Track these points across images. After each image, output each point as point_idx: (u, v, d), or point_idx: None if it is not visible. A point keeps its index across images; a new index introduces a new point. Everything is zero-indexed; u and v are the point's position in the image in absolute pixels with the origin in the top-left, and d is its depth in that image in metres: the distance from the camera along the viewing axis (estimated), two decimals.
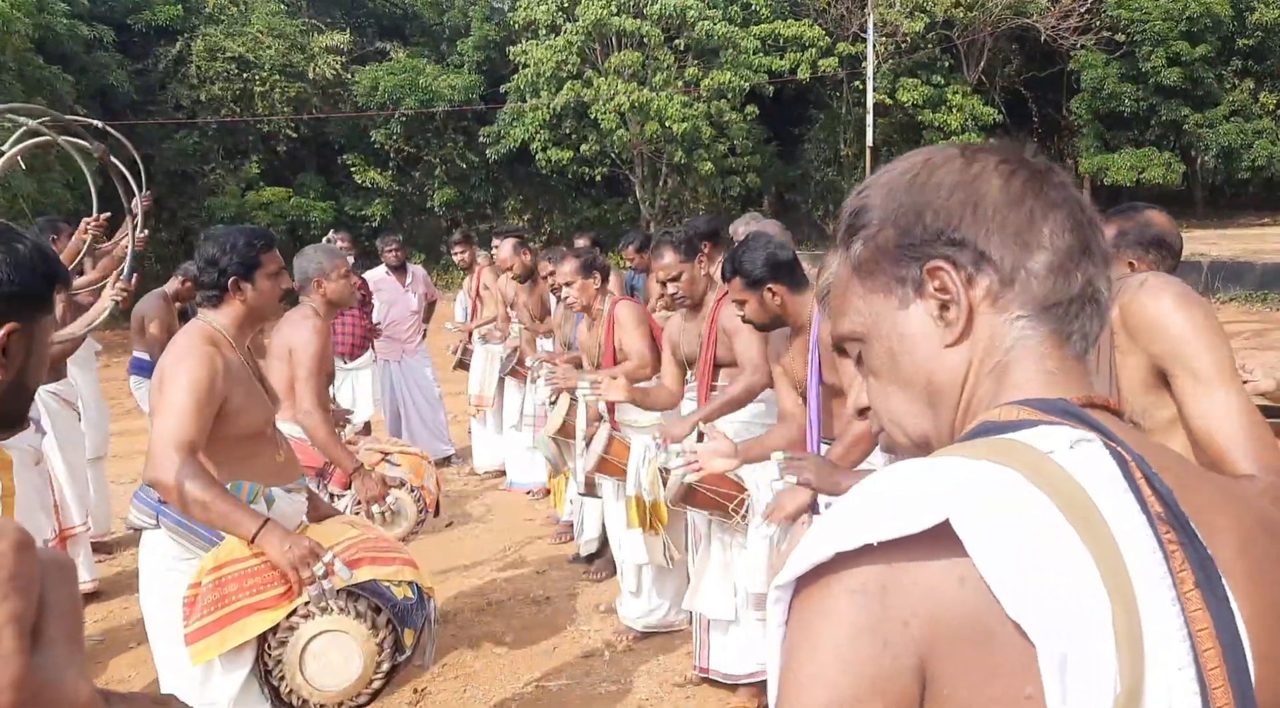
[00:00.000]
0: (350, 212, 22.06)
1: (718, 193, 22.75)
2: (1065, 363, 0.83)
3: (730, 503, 3.58)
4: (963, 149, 0.88)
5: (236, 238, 2.64)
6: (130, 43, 20.72)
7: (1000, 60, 24.12)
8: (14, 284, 1.26)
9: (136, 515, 2.61)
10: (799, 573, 0.73)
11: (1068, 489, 0.72)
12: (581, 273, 4.60)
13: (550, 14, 20.97)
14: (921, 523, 0.69)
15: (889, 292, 0.86)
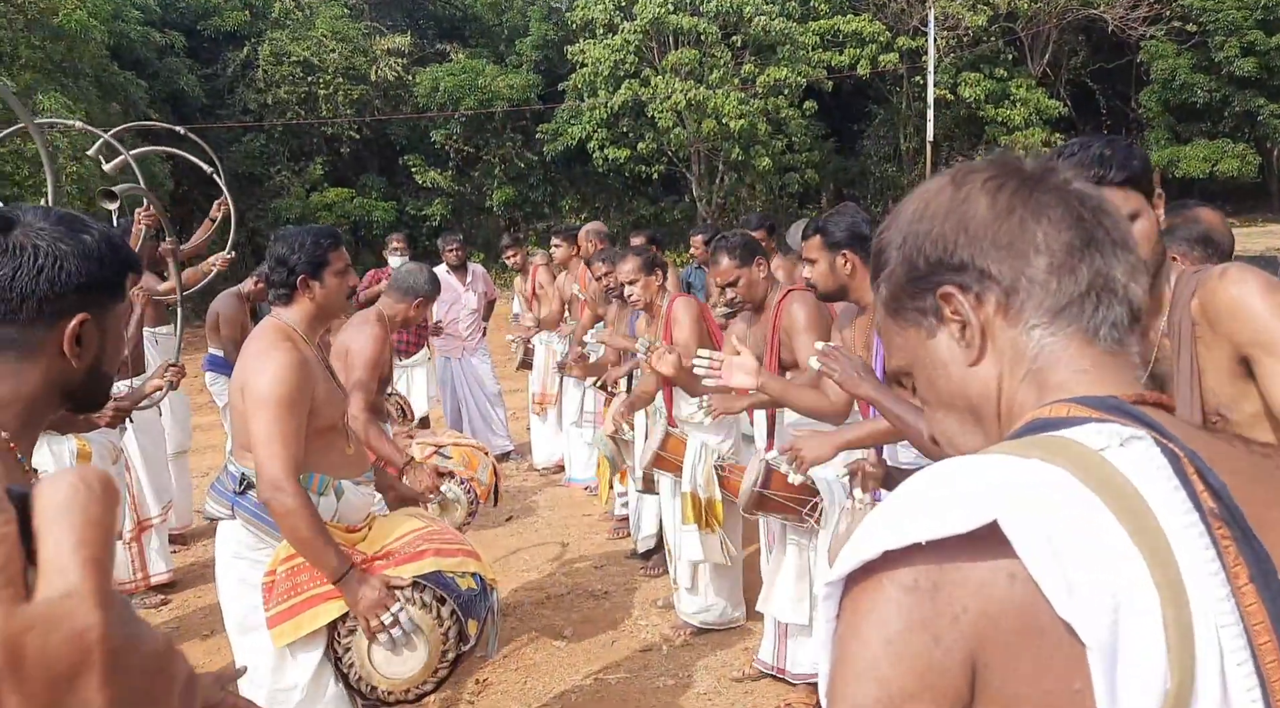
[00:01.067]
0: (411, 212, 22.39)
1: (775, 190, 22.63)
2: (1100, 359, 0.84)
3: (803, 508, 3.57)
4: (954, 174, 0.90)
5: (305, 237, 2.71)
6: (200, 48, 21.27)
7: (1066, 52, 23.61)
8: (83, 275, 1.29)
9: (213, 506, 2.72)
10: (848, 570, 0.75)
11: (1118, 487, 0.73)
12: (644, 271, 4.64)
13: (608, 13, 21.04)
14: (969, 523, 0.70)
15: (917, 325, 0.90)
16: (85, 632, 0.30)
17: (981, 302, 0.85)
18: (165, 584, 5.07)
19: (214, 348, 6.14)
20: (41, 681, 0.30)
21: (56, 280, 1.27)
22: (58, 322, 1.29)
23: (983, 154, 22.97)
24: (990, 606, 0.71)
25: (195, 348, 10.65)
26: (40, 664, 0.30)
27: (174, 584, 5.13)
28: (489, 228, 23.30)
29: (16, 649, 0.29)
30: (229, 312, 6.02)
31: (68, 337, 1.29)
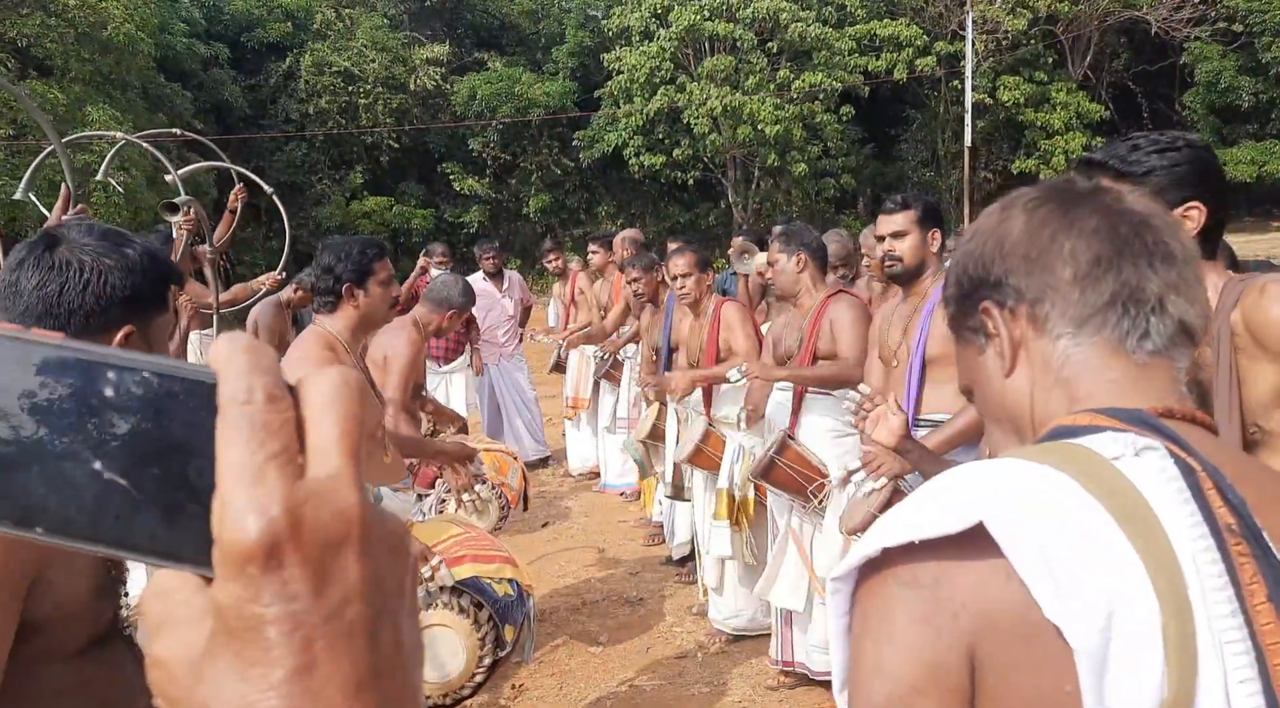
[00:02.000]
0: (449, 219, 22.61)
1: (811, 195, 22.56)
2: (1129, 370, 0.85)
3: (809, 486, 3.60)
4: (1006, 198, 0.94)
5: (351, 247, 2.77)
6: (244, 59, 21.67)
7: (1108, 55, 23.30)
8: (127, 288, 1.33)
9: None
10: (852, 566, 0.79)
11: (1124, 495, 0.74)
12: (698, 267, 4.66)
13: (644, 20, 21.12)
14: (958, 525, 0.73)
15: (970, 343, 0.94)
16: (348, 509, 0.35)
17: (1015, 315, 0.88)
18: None
19: None
20: (315, 546, 0.34)
21: (102, 294, 1.31)
22: (104, 335, 1.32)
23: (1022, 159, 22.74)
24: (988, 604, 0.73)
25: None
26: (314, 532, 0.34)
27: None
28: (525, 234, 23.46)
29: (297, 517, 0.34)
30: (268, 320, 6.12)
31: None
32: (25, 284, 1.30)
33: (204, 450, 0.36)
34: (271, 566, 0.34)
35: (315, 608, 0.34)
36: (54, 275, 1.30)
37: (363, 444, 0.36)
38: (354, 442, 0.36)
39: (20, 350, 0.38)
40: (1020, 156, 22.64)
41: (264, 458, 0.34)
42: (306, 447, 0.36)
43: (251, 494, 0.34)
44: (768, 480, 3.71)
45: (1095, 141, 21.83)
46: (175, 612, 0.36)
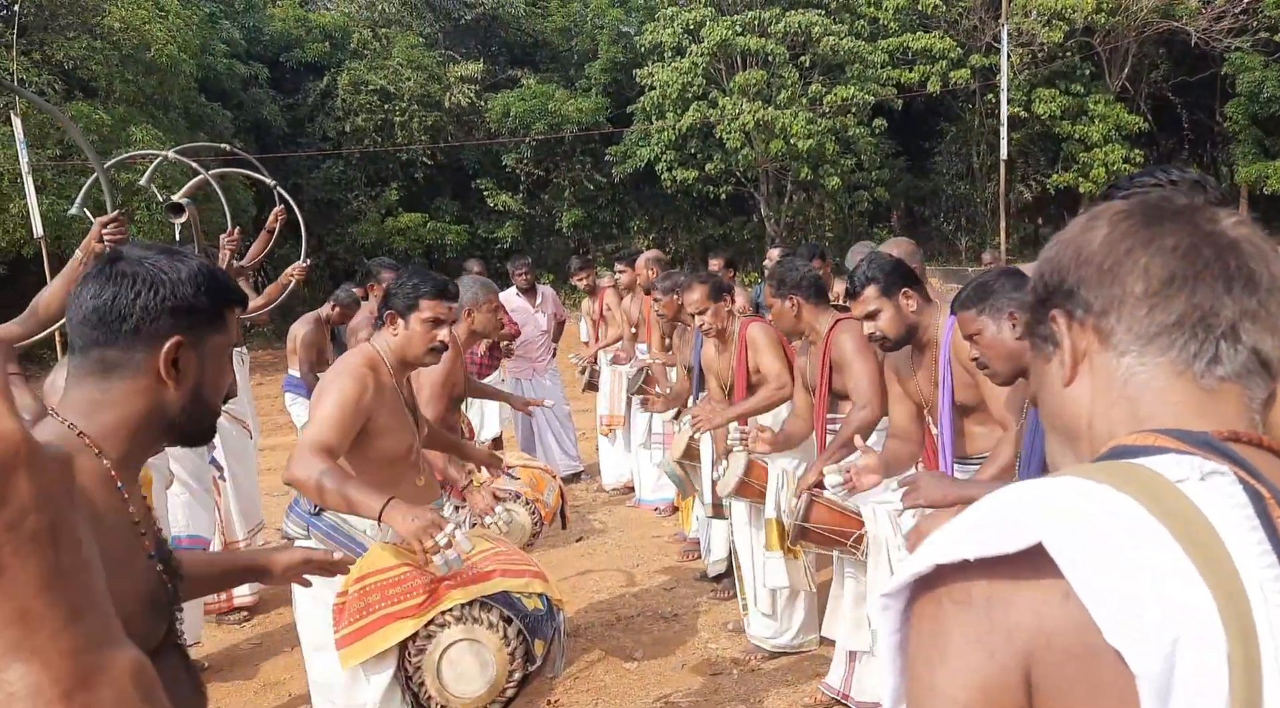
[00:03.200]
0: (483, 234, 22.75)
1: (844, 208, 22.46)
2: (1194, 394, 0.83)
3: (847, 540, 3.54)
4: (1096, 209, 0.92)
5: (412, 278, 2.82)
6: (282, 79, 22.00)
7: (1146, 66, 23.00)
8: (175, 298, 1.36)
9: (290, 526, 2.80)
10: (903, 583, 0.77)
11: (1190, 520, 0.72)
12: (711, 298, 4.61)
13: (676, 36, 21.19)
14: (1016, 544, 0.71)
15: (1040, 350, 0.93)
16: (10, 435, 0.39)
17: (1082, 326, 0.87)
18: (250, 606, 5.17)
19: (293, 369, 6.31)
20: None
21: (150, 302, 1.35)
22: (155, 345, 1.36)
23: (1059, 172, 22.44)
24: (1044, 623, 0.71)
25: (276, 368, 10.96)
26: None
27: (257, 606, 5.22)
28: (558, 249, 23.55)
29: None
30: (307, 335, 6.19)
31: (164, 359, 1.36)
32: (85, 295, 1.36)
33: None
34: None
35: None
36: (110, 286, 1.36)
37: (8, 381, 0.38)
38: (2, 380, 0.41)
39: None
40: (1058, 170, 22.39)
41: None
42: None
43: None
44: (805, 542, 3.66)
45: (1134, 154, 21.56)
46: None
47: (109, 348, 1.35)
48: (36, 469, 0.40)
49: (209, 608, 4.99)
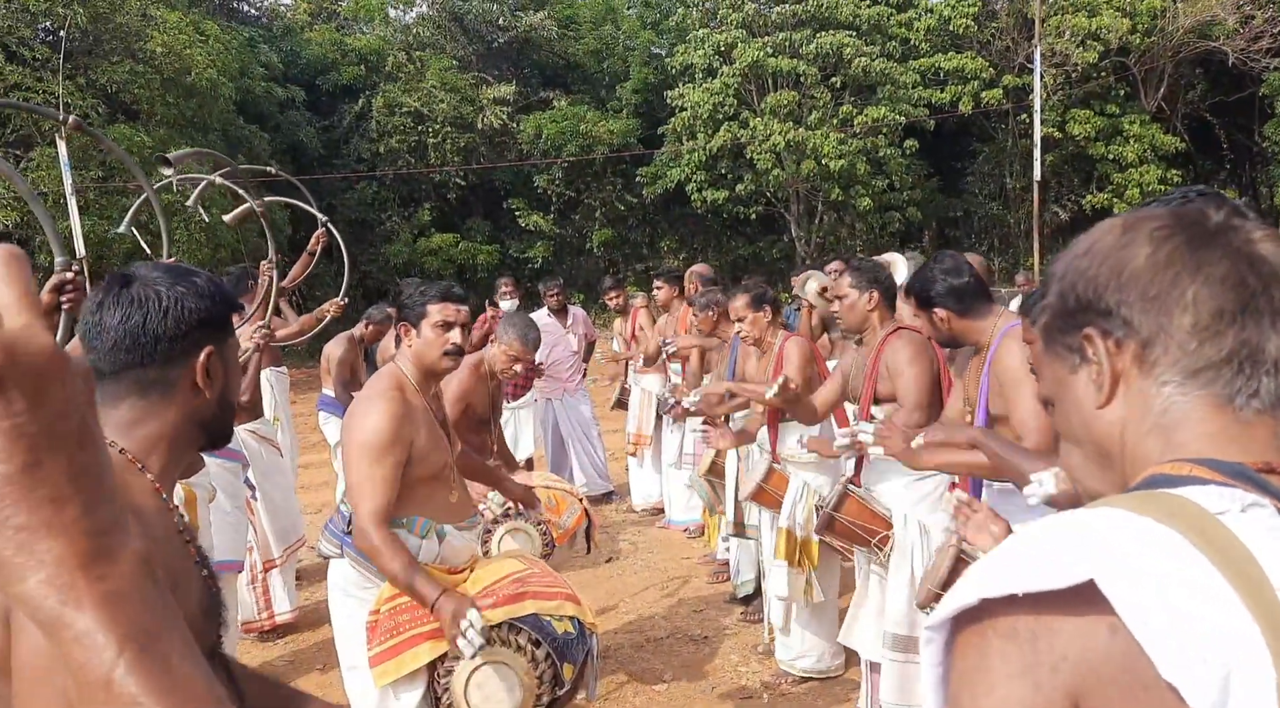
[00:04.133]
0: (514, 254, 22.92)
1: (875, 229, 22.40)
2: (1231, 426, 0.82)
3: (873, 539, 3.53)
4: (1127, 218, 0.90)
5: (415, 287, 2.84)
6: (318, 102, 22.35)
7: (1183, 86, 22.78)
8: (201, 311, 1.43)
9: (325, 545, 2.82)
10: (948, 616, 0.77)
11: (1233, 552, 0.71)
12: (752, 307, 4.63)
13: (707, 58, 21.30)
14: (1067, 580, 0.71)
15: (1062, 358, 0.91)
16: (46, 347, 0.46)
17: (1120, 349, 0.86)
18: (289, 625, 5.20)
19: (326, 388, 6.37)
20: (28, 374, 0.45)
21: (181, 319, 1.41)
22: (188, 358, 1.42)
23: (1094, 193, 22.23)
24: (1090, 655, 0.71)
25: (310, 387, 11.07)
26: (26, 364, 0.45)
27: (296, 625, 5.25)
28: (589, 269, 23.66)
29: (11, 355, 0.45)
30: (340, 354, 6.25)
31: (199, 369, 1.43)
32: (109, 321, 1.38)
33: None
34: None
35: (35, 420, 0.45)
36: (136, 309, 1.39)
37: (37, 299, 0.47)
38: (32, 299, 0.47)
39: None
40: (1092, 190, 22.21)
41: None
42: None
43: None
44: (831, 535, 3.65)
45: (1170, 174, 21.34)
46: None
47: (146, 368, 1.40)
48: (68, 379, 0.47)
49: (249, 627, 5.03)
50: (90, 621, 0.46)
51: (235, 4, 24.05)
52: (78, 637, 0.46)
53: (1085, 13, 20.73)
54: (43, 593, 0.46)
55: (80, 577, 0.46)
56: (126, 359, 1.38)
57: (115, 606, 0.47)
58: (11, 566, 0.45)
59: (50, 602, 0.46)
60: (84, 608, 0.46)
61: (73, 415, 0.46)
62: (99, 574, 0.46)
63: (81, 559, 0.46)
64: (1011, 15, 21.64)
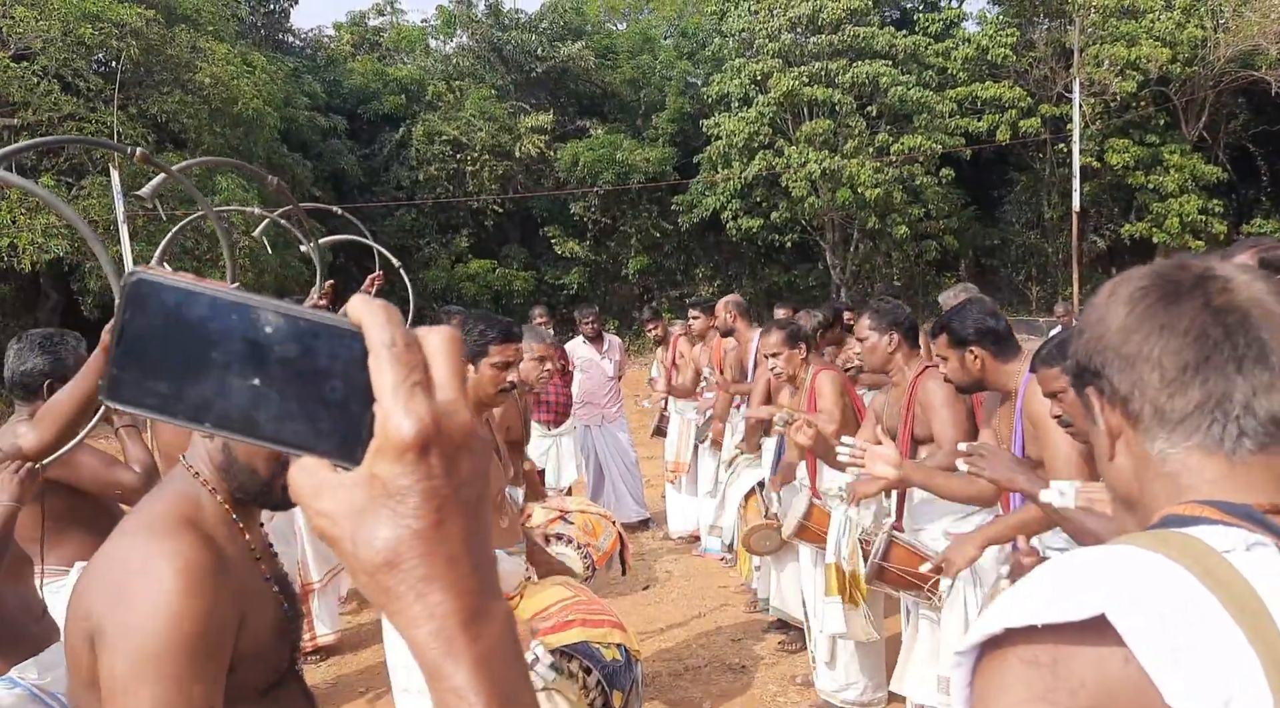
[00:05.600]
0: (550, 281, 23.09)
1: (911, 257, 22.33)
2: (1228, 469, 0.87)
3: (925, 585, 3.52)
4: (1117, 280, 0.96)
5: (480, 323, 2.91)
6: (360, 130, 22.76)
7: (1224, 116, 22.56)
8: None
9: None
10: (975, 642, 0.82)
11: (1238, 590, 0.76)
12: (788, 344, 4.68)
13: (743, 87, 21.44)
14: (1081, 613, 0.76)
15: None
16: (466, 423, 0.52)
17: (1112, 407, 0.92)
18: (329, 647, 5.25)
19: None
20: (449, 444, 0.50)
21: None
22: None
23: (1133, 222, 22.00)
24: (1107, 683, 0.75)
25: None
26: (449, 435, 0.50)
27: (338, 647, 5.31)
28: (624, 295, 23.78)
29: (439, 425, 0.50)
30: None
31: None
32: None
33: (339, 375, 0.51)
34: (422, 455, 0.49)
35: (447, 485, 0.50)
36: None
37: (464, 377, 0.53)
38: (461, 379, 0.53)
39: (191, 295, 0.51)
40: (1131, 220, 22.01)
41: (412, 383, 0.50)
42: (433, 379, 0.51)
43: (409, 407, 0.49)
44: (881, 583, 3.66)
45: (1212, 204, 21.11)
46: (326, 482, 0.51)
47: None
48: (475, 452, 0.52)
49: None
50: (465, 677, 0.51)
51: (281, 35, 24.61)
52: (454, 689, 0.51)
53: (1124, 42, 20.63)
54: (429, 644, 0.51)
55: (461, 634, 0.51)
56: None
57: (488, 666, 0.51)
58: (410, 613, 0.51)
59: (434, 653, 0.51)
60: (461, 664, 0.51)
61: (475, 485, 0.52)
62: (476, 634, 0.51)
63: (464, 617, 0.51)
64: (1050, 45, 21.60)
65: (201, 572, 1.33)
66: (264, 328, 0.50)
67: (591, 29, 26.40)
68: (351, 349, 0.51)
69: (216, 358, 0.50)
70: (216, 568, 1.36)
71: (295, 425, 0.51)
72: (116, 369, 0.51)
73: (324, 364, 0.51)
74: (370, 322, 0.50)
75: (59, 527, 2.85)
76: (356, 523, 0.51)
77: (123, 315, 0.50)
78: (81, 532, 2.89)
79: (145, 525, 1.39)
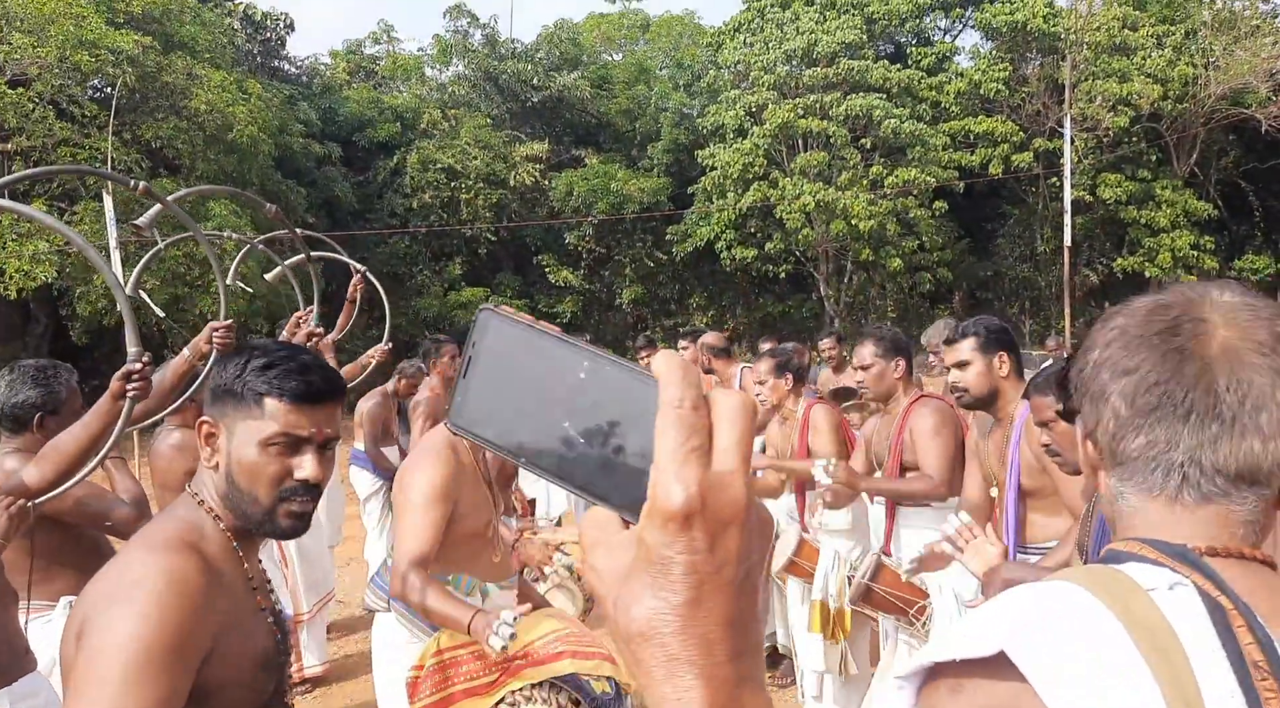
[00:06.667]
0: (543, 309, 23.08)
1: (905, 289, 22.39)
2: (1170, 513, 0.88)
3: (910, 609, 3.46)
4: (1110, 312, 0.98)
5: None
6: (354, 157, 22.81)
7: (1215, 152, 22.79)
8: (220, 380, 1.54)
9: (371, 599, 2.82)
10: (913, 671, 0.85)
11: (1152, 626, 0.78)
12: (775, 373, 4.65)
13: (738, 118, 21.58)
14: (984, 650, 0.79)
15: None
16: (739, 498, 0.48)
17: (1089, 440, 0.96)
18: (318, 678, 5.15)
19: (357, 443, 6.38)
20: (714, 519, 0.47)
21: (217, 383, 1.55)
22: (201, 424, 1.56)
23: (1125, 256, 22.16)
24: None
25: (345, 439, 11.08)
26: (715, 509, 0.47)
27: (325, 678, 5.20)
28: (617, 324, 23.78)
29: (706, 497, 0.47)
30: (373, 409, 6.27)
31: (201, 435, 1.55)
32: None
33: (636, 425, 0.49)
34: (685, 526, 0.46)
35: (708, 562, 0.47)
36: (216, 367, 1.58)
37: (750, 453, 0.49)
38: (747, 449, 0.48)
39: (528, 334, 0.53)
40: (1124, 254, 22.13)
41: (688, 449, 0.47)
42: (714, 445, 0.48)
43: (679, 473, 0.46)
44: (868, 605, 3.60)
45: (1204, 240, 21.24)
46: (609, 538, 0.51)
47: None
48: (745, 529, 0.48)
49: None
50: None
51: (277, 63, 24.72)
52: None
53: (1116, 78, 20.86)
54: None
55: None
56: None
57: None
58: (659, 691, 0.48)
59: None
60: None
61: (741, 564, 0.48)
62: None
63: (719, 703, 0.47)
64: (1042, 80, 21.81)
65: (191, 589, 1.35)
66: (580, 373, 0.51)
67: (587, 59, 26.61)
68: (650, 403, 0.49)
69: (543, 397, 0.52)
70: (209, 590, 1.38)
71: (593, 474, 0.51)
72: (462, 396, 0.54)
73: (624, 412, 0.50)
74: (665, 379, 0.48)
75: (47, 563, 2.85)
76: (621, 587, 0.49)
77: (471, 346, 0.54)
78: (70, 569, 2.88)
79: (148, 544, 1.43)
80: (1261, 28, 21.07)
